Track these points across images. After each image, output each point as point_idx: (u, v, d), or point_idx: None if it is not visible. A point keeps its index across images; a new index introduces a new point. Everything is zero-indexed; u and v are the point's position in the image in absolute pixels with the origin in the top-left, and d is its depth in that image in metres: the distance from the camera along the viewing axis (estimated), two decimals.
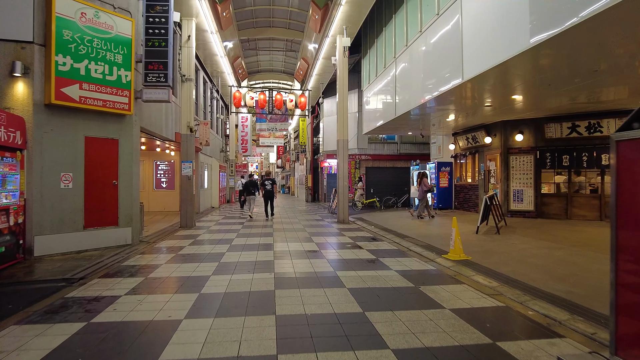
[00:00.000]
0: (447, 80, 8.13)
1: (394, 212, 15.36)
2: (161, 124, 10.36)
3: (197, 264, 6.10)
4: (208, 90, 17.75)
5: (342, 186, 12.22)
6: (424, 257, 6.63)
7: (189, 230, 10.21)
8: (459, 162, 14.63)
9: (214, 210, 17.28)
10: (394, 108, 11.33)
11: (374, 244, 8.05)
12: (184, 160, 10.86)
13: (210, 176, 18.38)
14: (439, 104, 9.82)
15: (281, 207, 18.80)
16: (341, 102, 12.16)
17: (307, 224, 11.77)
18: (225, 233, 9.67)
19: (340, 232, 9.93)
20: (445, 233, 9.06)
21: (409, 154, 20.29)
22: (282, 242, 8.29)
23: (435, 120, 12.16)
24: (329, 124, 21.64)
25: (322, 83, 18.36)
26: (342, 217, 12.10)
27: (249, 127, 25.26)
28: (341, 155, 12.23)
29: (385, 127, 13.70)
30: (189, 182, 10.86)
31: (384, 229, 10.20)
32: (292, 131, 35.27)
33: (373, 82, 13.61)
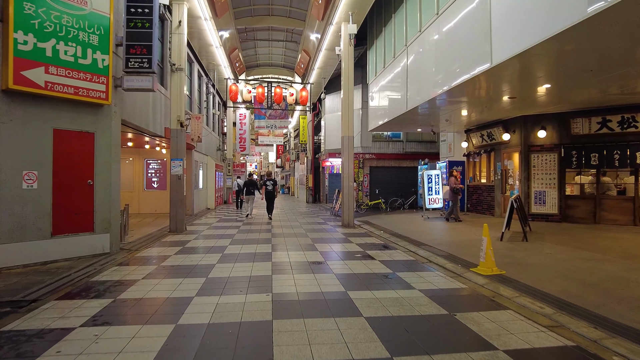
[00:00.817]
0: (469, 67, 7.14)
1: (402, 214, 14.38)
2: (148, 117, 9.36)
3: (180, 280, 5.11)
4: (203, 84, 16.77)
5: (347, 187, 11.24)
6: (450, 271, 5.64)
7: (179, 236, 9.21)
8: (472, 161, 13.65)
9: (210, 211, 16.29)
10: (405, 102, 10.34)
11: (387, 253, 7.06)
12: (174, 158, 9.87)
13: (205, 176, 17.39)
14: (456, 96, 8.84)
15: (281, 209, 17.82)
16: (346, 96, 11.18)
17: (309, 227, 10.78)
18: (218, 239, 8.67)
19: (346, 237, 8.94)
20: (465, 240, 8.08)
21: (415, 153, 19.31)
22: (282, 250, 7.29)
23: (448, 115, 11.18)
24: (331, 122, 20.65)
25: (324, 78, 17.36)
26: (347, 221, 11.12)
27: (247, 125, 24.27)
28: (346, 153, 11.25)
29: (393, 124, 12.73)
30: (179, 182, 9.87)
31: (394, 234, 9.21)
32: (292, 130, 34.29)
33: (380, 75, 12.63)
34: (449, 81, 7.97)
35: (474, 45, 6.96)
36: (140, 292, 4.55)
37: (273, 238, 8.77)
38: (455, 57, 7.77)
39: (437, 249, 7.14)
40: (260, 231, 9.99)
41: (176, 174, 9.85)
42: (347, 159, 11.22)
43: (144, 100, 9.00)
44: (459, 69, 7.53)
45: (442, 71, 8.35)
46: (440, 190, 12.70)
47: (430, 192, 12.61)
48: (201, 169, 16.32)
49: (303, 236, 9.11)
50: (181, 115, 9.91)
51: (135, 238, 8.62)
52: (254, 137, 34.98)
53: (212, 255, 6.80)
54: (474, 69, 6.98)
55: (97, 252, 6.77)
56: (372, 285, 4.88)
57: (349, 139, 11.22)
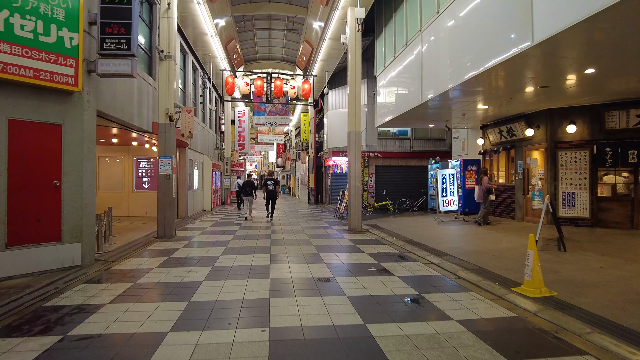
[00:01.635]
0: (500, 49, 6.12)
1: (412, 217, 13.35)
2: (132, 110, 8.35)
3: (156, 305, 4.10)
4: (199, 78, 15.75)
5: (354, 187, 10.22)
6: (487, 292, 4.61)
7: (167, 243, 8.20)
8: (488, 159, 12.62)
9: (206, 214, 15.28)
10: (419, 93, 9.31)
11: (406, 266, 6.03)
12: (162, 156, 8.85)
13: (201, 175, 16.37)
14: (479, 85, 7.82)
15: (281, 210, 16.80)
16: (353, 87, 10.15)
17: (313, 232, 9.76)
18: (210, 247, 7.66)
19: (355, 245, 7.92)
20: (493, 249, 7.05)
21: (423, 151, 18.29)
22: (283, 262, 6.27)
23: (465, 108, 10.14)
24: (335, 118, 19.63)
25: (327, 71, 16.33)
26: (354, 225, 10.09)
27: (246, 123, 23.26)
28: (353, 150, 10.23)
29: (403, 119, 11.70)
30: (167, 182, 8.85)
31: (409, 241, 8.19)
32: (293, 128, 33.29)
33: (389, 66, 11.61)
34: (469, 69, 6.94)
35: (509, 22, 5.94)
36: (101, 325, 3.53)
37: (272, 246, 7.75)
38: (481, 38, 6.74)
39: (464, 261, 6.12)
40: (258, 237, 8.98)
41: (164, 174, 8.84)
42: (354, 156, 10.20)
43: (126, 91, 7.98)
44: (487, 52, 6.50)
45: (462, 57, 7.33)
46: (455, 191, 11.67)
47: (445, 194, 11.58)
48: (196, 168, 15.30)
49: (306, 243, 8.09)
50: (170, 108, 8.89)
51: (117, 246, 7.61)
52: (253, 136, 34.00)
53: (201, 269, 5.78)
54: (508, 50, 5.95)
55: (66, 265, 5.76)
56: (396, 313, 3.86)
57: (356, 135, 10.19)
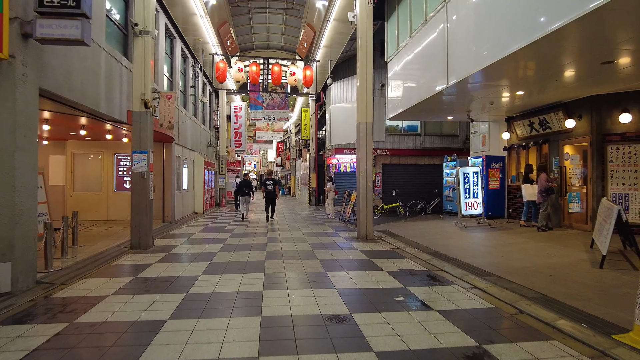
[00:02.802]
0: (570, 7, 4.67)
1: (427, 221, 11.88)
2: (97, 93, 6.88)
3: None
4: (189, 67, 14.28)
5: (364, 188, 8.75)
6: (577, 342, 3.14)
7: (140, 255, 6.73)
8: (515, 156, 11.15)
9: (196, 217, 13.81)
10: (443, 76, 7.85)
11: (443, 292, 4.56)
12: (136, 150, 7.39)
13: (192, 174, 14.91)
14: (527, 60, 6.36)
15: (280, 213, 15.33)
16: (363, 70, 8.68)
17: (316, 241, 8.29)
18: (191, 262, 6.20)
19: (369, 259, 6.45)
20: (543, 264, 5.59)
21: (435, 149, 16.85)
22: (279, 286, 4.81)
23: (495, 95, 8.68)
24: (339, 113, 18.17)
25: (330, 60, 14.86)
26: (365, 232, 8.63)
27: (243, 119, 21.78)
28: (363, 145, 8.76)
29: (419, 110, 10.24)
30: (142, 182, 7.39)
31: (433, 253, 6.72)
32: (293, 125, 31.83)
33: (404, 48, 10.14)
34: (520, 38, 5.48)
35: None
36: None
37: (268, 261, 6.28)
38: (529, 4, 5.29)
39: (516, 284, 4.66)
40: (251, 247, 7.51)
41: (139, 171, 7.37)
42: (364, 152, 8.73)
43: (88, 69, 6.50)
44: (546, 14, 5.03)
45: (501, 27, 5.88)
46: (479, 192, 10.20)
47: (467, 195, 10.11)
48: (186, 167, 13.83)
49: (309, 256, 6.62)
50: (146, 93, 7.42)
51: (76, 260, 6.15)
52: (251, 134, 32.53)
53: (170, 297, 4.31)
54: (568, 14, 4.50)
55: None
56: None
57: (366, 127, 8.72)
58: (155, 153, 11.60)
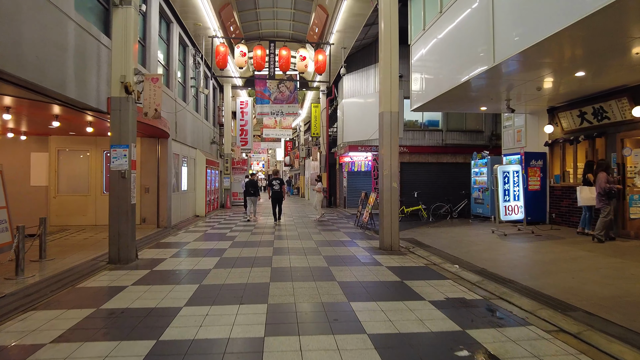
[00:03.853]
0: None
1: (457, 227, 10.45)
2: (63, 73, 5.63)
3: None
4: (189, 57, 13.05)
5: (389, 189, 7.40)
6: None
7: (116, 273, 5.46)
8: (559, 152, 9.67)
9: (197, 220, 12.57)
10: (488, 52, 6.44)
11: (520, 338, 3.16)
12: (115, 144, 6.14)
13: (192, 174, 13.69)
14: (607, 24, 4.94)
15: (289, 216, 14.03)
16: (387, 48, 7.35)
17: (332, 254, 6.95)
18: (176, 284, 4.90)
19: (402, 282, 5.08)
20: (637, 292, 4.17)
21: (458, 146, 15.39)
22: (288, 330, 3.46)
23: (546, 77, 7.24)
24: (352, 108, 16.79)
25: (344, 47, 13.50)
26: (389, 242, 7.26)
27: (249, 115, 20.54)
28: (387, 138, 7.40)
29: (451, 98, 8.84)
30: (122, 182, 6.13)
31: (480, 271, 5.32)
32: (302, 123, 30.54)
33: (433, 27, 8.75)
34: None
35: None
36: None
37: (273, 283, 4.95)
38: None
39: (621, 327, 3.26)
40: (254, 262, 6.20)
41: (118, 169, 6.12)
42: (388, 147, 7.38)
43: (48, 41, 5.23)
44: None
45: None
46: (520, 194, 8.75)
47: (507, 197, 8.66)
48: (185, 165, 12.60)
49: (324, 276, 5.28)
50: (128, 76, 6.16)
51: (33, 281, 4.91)
52: (259, 132, 31.33)
53: (131, 349, 3.00)
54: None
55: None
56: None
57: (391, 117, 7.36)
58: (148, 150, 10.40)
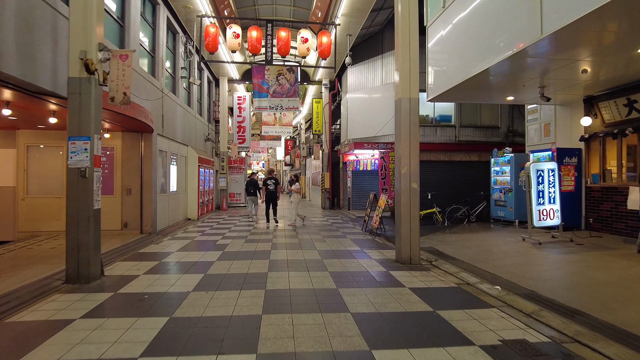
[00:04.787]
0: None
1: (477, 233, 9.27)
2: (8, 47, 4.46)
3: None
4: (180, 45, 11.89)
5: (407, 191, 6.20)
6: None
7: (68, 298, 4.30)
8: (597, 148, 8.48)
9: (188, 225, 11.39)
10: (537, 22, 5.25)
11: None
12: (74, 136, 4.98)
13: (184, 173, 12.53)
14: None
15: (289, 219, 12.84)
16: (406, 20, 6.13)
17: (340, 269, 5.76)
18: (139, 318, 3.73)
19: (435, 313, 3.90)
20: None
21: (471, 142, 14.19)
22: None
23: (596, 57, 6.06)
24: (357, 103, 15.64)
25: (349, 34, 12.32)
26: (407, 253, 6.07)
27: (247, 111, 19.38)
28: (405, 130, 6.20)
29: (474, 85, 7.65)
30: (83, 183, 4.96)
31: (530, 295, 4.14)
32: (303, 121, 29.38)
33: (456, 1, 7.55)
34: None
35: None
36: None
37: (266, 317, 3.77)
38: None
39: None
40: (244, 281, 5.02)
41: (77, 167, 4.95)
42: (407, 141, 6.17)
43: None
44: None
45: None
46: (556, 197, 7.55)
47: (542, 200, 7.48)
48: (175, 164, 11.43)
49: (335, 306, 4.10)
50: (90, 52, 4.99)
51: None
52: (258, 131, 30.15)
53: None
54: None
55: None
56: None
57: (410, 104, 6.16)
58: (130, 146, 9.23)
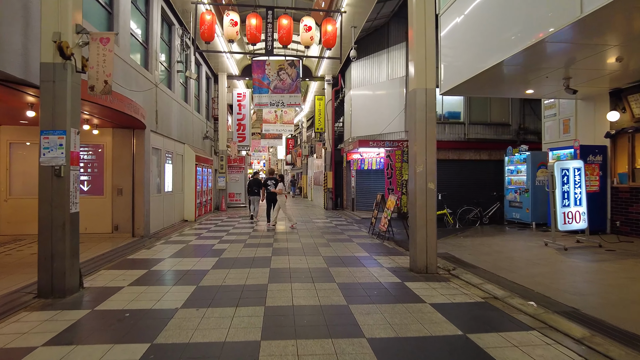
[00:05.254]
0: None
1: (493, 237, 8.64)
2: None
3: None
4: (176, 36, 11.29)
5: (422, 191, 5.59)
6: None
7: (35, 317, 3.70)
8: (627, 145, 7.85)
9: (184, 227, 10.79)
10: (577, 0, 4.62)
11: None
12: (47, 129, 4.37)
13: (181, 173, 11.92)
14: None
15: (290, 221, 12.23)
16: (421, 7, 5.51)
17: (348, 278, 5.15)
18: (114, 344, 3.12)
19: (465, 335, 3.28)
20: None
21: (481, 140, 13.56)
22: None
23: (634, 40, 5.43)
24: (362, 99, 15.03)
25: (354, 26, 11.70)
26: (423, 261, 5.46)
27: (247, 108, 18.78)
28: (421, 124, 5.58)
29: (492, 76, 7.01)
30: (58, 183, 4.36)
31: (573, 315, 3.51)
32: (305, 119, 28.75)
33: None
34: None
35: None
36: None
37: (265, 343, 3.16)
38: None
39: None
40: (241, 296, 4.42)
41: (50, 165, 4.35)
42: (422, 136, 5.56)
43: None
44: None
45: None
46: (582, 199, 6.93)
47: (566, 202, 6.86)
48: (170, 162, 10.83)
49: (345, 326, 3.50)
50: (65, 34, 4.39)
51: None
52: (258, 130, 29.55)
53: None
54: None
55: None
56: None
57: (427, 96, 5.55)
58: (121, 143, 8.63)
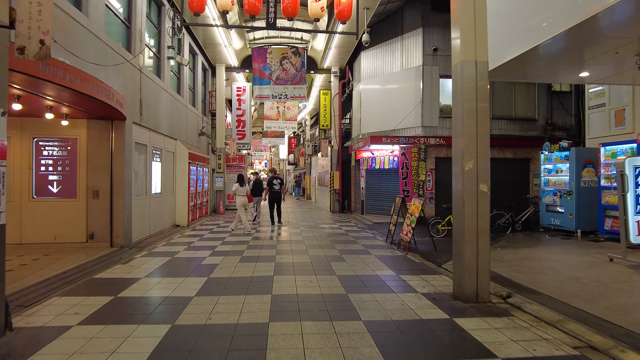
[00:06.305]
0: None
1: (535, 248, 7.33)
2: None
3: None
4: (165, 19, 10.04)
5: (472, 194, 4.31)
6: None
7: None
8: None
9: (174, 233, 9.51)
10: None
11: None
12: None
13: (172, 172, 10.65)
14: None
15: (294, 226, 10.98)
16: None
17: (377, 313, 3.86)
18: None
19: None
20: None
21: (505, 137, 12.25)
22: None
23: None
24: (374, 93, 13.74)
25: (366, 8, 10.42)
26: (473, 286, 4.17)
27: (247, 103, 17.49)
28: (471, 107, 4.30)
29: (550, 51, 5.69)
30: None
31: None
32: (309, 116, 27.45)
33: None
34: None
35: None
36: None
37: None
38: None
39: None
40: (229, 347, 3.13)
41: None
42: (472, 123, 4.28)
43: None
44: None
45: None
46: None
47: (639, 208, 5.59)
48: (158, 160, 9.55)
49: None
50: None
51: None
52: (260, 129, 28.33)
53: None
54: None
55: None
56: None
57: (477, 70, 4.26)
58: (98, 137, 7.33)
